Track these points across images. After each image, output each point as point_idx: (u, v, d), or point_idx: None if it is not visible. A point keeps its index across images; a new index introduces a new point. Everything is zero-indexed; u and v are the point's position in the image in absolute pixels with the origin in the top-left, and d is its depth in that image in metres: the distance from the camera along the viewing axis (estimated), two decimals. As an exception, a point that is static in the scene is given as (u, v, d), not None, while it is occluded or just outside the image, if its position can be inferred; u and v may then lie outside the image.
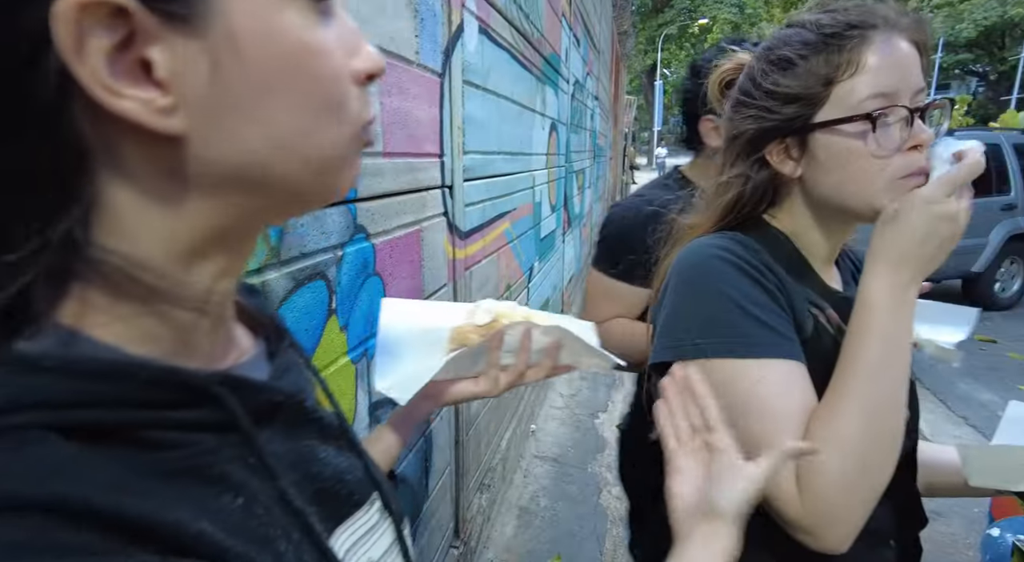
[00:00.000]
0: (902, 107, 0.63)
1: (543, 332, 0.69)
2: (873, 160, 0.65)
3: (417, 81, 1.36)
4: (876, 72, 0.64)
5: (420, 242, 1.42)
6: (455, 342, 0.69)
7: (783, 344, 0.64)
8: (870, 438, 0.59)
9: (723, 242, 0.71)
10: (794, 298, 0.69)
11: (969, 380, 4.40)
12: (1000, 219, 5.96)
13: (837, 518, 0.58)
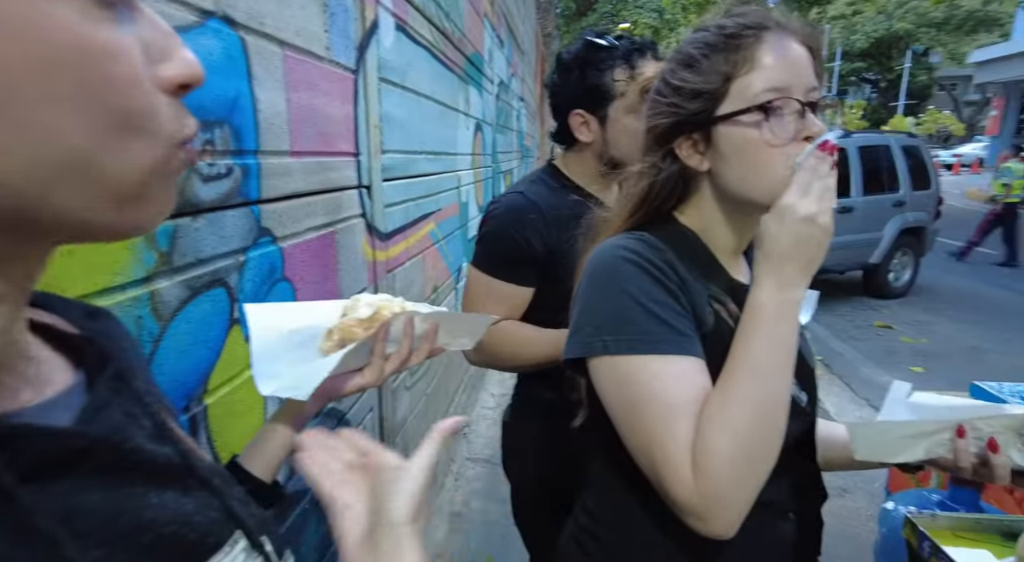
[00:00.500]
0: (794, 100, 0.68)
1: (423, 319, 0.73)
2: (769, 150, 0.69)
3: (328, 77, 1.31)
4: (770, 69, 0.69)
5: (335, 244, 1.37)
6: (341, 338, 0.70)
7: (682, 341, 0.67)
8: (757, 428, 0.62)
9: (629, 243, 0.73)
10: (695, 296, 0.72)
11: (870, 364, 4.73)
12: (892, 215, 6.46)
13: (727, 500, 0.61)
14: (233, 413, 0.96)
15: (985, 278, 7.67)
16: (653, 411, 0.65)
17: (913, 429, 0.74)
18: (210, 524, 0.38)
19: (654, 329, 0.67)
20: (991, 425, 0.71)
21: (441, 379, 2.56)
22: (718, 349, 0.69)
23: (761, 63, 0.69)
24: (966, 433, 0.72)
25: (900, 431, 0.74)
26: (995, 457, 0.71)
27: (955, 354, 4.98)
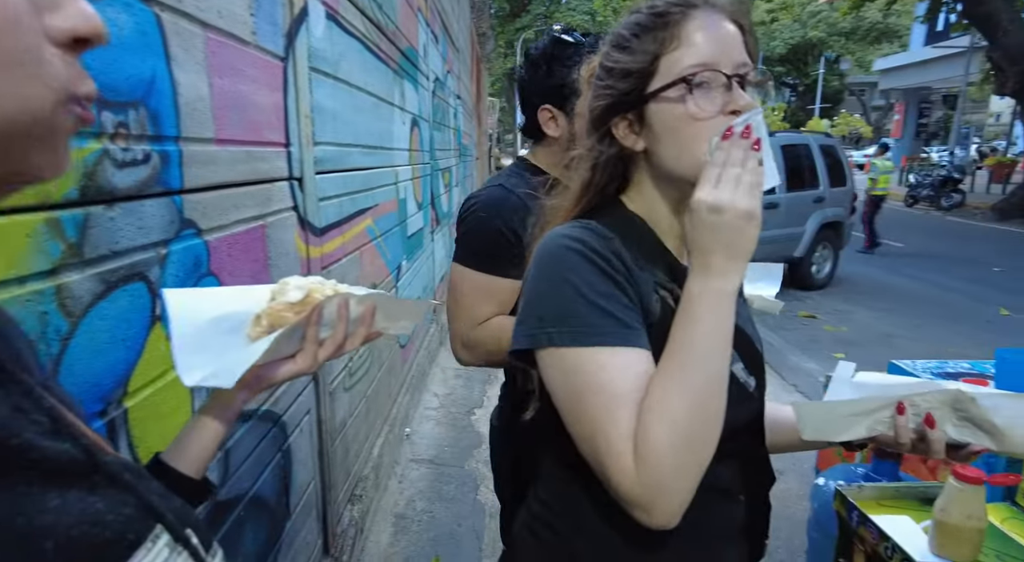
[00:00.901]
0: (719, 72, 0.69)
1: (358, 301, 0.70)
2: (697, 124, 0.69)
3: (255, 63, 1.25)
4: (697, 44, 0.70)
5: (266, 238, 1.31)
6: (271, 323, 0.66)
7: (627, 333, 0.67)
8: (695, 416, 0.62)
9: (575, 232, 0.72)
10: (641, 284, 0.71)
11: (797, 352, 4.97)
12: (813, 210, 6.84)
13: (669, 488, 0.61)
14: (157, 415, 0.90)
15: (896, 270, 8.23)
16: (597, 401, 0.65)
17: (856, 407, 0.75)
18: (125, 521, 0.35)
19: (598, 321, 0.67)
20: (928, 401, 0.73)
21: (382, 380, 2.51)
22: (666, 336, 0.69)
23: (688, 40, 0.70)
24: (905, 410, 0.73)
25: (844, 410, 0.75)
26: (931, 432, 0.72)
27: (871, 340, 5.32)
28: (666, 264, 0.77)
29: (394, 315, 0.76)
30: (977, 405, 0.70)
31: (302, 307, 0.67)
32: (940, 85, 22.48)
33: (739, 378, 0.74)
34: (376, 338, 0.75)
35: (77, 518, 0.33)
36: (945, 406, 0.72)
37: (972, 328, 5.52)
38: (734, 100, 0.69)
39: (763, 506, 0.83)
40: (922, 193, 14.99)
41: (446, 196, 4.93)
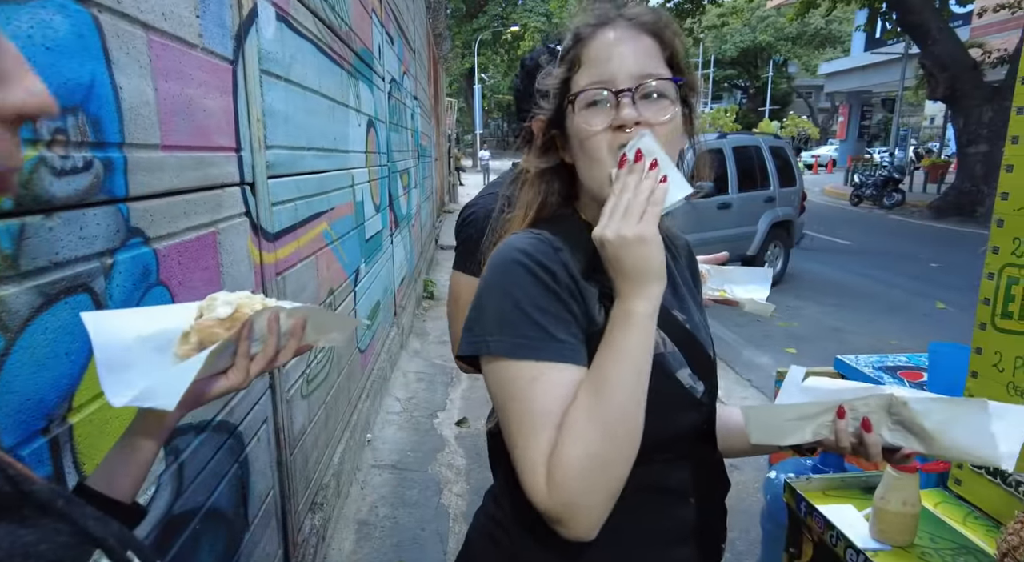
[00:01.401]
0: (602, 89, 0.71)
1: (288, 315, 0.71)
2: (592, 139, 0.72)
3: (202, 67, 1.22)
4: (592, 64, 0.72)
5: (217, 245, 1.27)
6: (200, 340, 0.66)
7: (561, 348, 0.68)
8: (606, 439, 0.64)
9: (525, 243, 0.73)
10: (587, 296, 0.73)
11: (751, 348, 5.13)
12: (765, 210, 7.06)
13: (580, 506, 0.63)
14: (106, 432, 0.87)
15: (843, 266, 8.57)
16: (521, 416, 0.67)
17: (801, 411, 0.76)
18: (60, 550, 0.35)
19: (534, 335, 0.68)
20: (867, 405, 0.74)
21: (341, 386, 2.47)
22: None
23: (587, 59, 0.73)
24: (845, 414, 0.74)
25: (789, 414, 0.76)
26: (868, 436, 0.74)
27: (821, 335, 5.52)
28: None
29: (325, 327, 0.77)
30: (909, 409, 0.71)
31: (232, 322, 0.67)
32: (880, 89, 23.51)
33: (684, 383, 0.76)
34: (307, 350, 0.76)
35: (7, 553, 0.32)
36: (881, 410, 0.74)
37: (911, 321, 5.80)
38: (618, 116, 0.70)
39: (717, 510, 0.84)
40: (866, 192, 15.63)
41: (405, 198, 4.89)
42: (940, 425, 0.70)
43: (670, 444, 0.76)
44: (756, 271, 1.44)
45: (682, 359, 0.78)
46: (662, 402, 0.73)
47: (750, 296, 1.39)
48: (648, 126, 0.70)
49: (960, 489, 1.20)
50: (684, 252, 0.95)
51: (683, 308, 0.84)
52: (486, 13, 27.26)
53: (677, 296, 0.85)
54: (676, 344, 0.78)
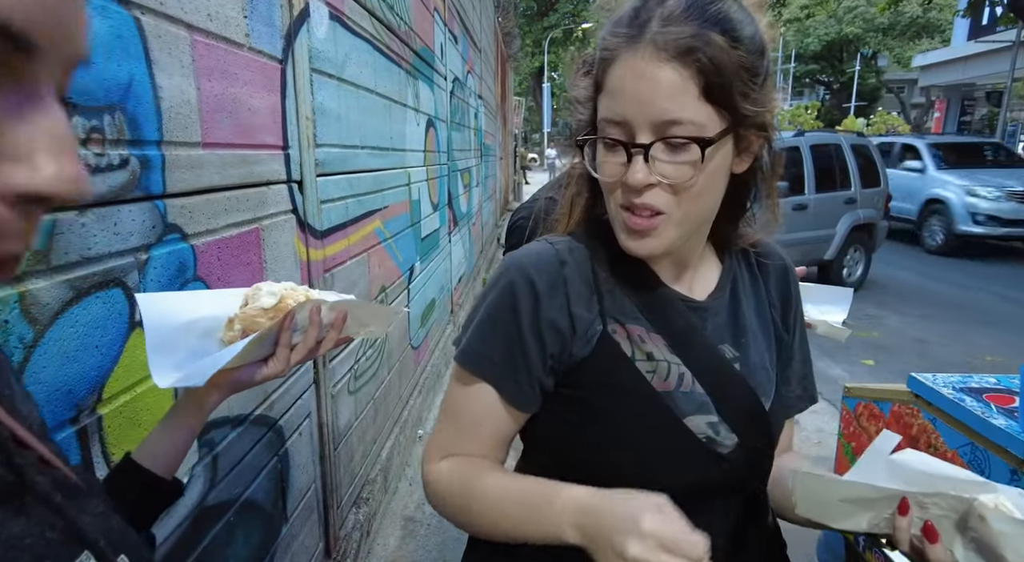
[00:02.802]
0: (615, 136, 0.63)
1: (330, 308, 0.73)
2: (604, 183, 0.67)
3: (249, 66, 1.24)
4: (612, 95, 0.63)
5: (261, 242, 1.30)
6: (244, 328, 0.69)
7: (495, 373, 0.71)
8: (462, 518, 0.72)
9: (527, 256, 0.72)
10: (578, 318, 0.68)
11: (824, 358, 4.83)
12: (844, 212, 6.64)
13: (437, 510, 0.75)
14: (136, 423, 0.89)
15: (930, 274, 7.95)
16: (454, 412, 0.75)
17: (858, 493, 0.62)
18: (46, 546, 0.34)
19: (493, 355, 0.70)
20: (940, 506, 0.58)
21: (392, 382, 2.50)
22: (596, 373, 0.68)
23: (608, 86, 0.63)
24: (908, 510, 0.60)
25: (845, 493, 0.63)
26: (931, 548, 0.58)
27: (903, 347, 5.13)
28: (643, 292, 0.72)
29: (364, 320, 0.79)
30: (988, 526, 0.53)
31: (275, 312, 0.69)
32: (984, 81, 21.66)
33: (696, 432, 0.67)
34: (346, 342, 0.79)
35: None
36: (956, 516, 0.57)
37: (1012, 335, 5.29)
38: (629, 174, 0.62)
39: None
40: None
41: (465, 196, 4.91)
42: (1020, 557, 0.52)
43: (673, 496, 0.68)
44: (836, 291, 1.33)
45: (706, 404, 0.68)
46: (659, 448, 0.66)
47: (825, 318, 1.29)
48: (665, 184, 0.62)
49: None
50: (777, 273, 0.82)
51: (738, 343, 0.74)
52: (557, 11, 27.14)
53: (736, 326, 0.75)
54: (708, 385, 0.69)
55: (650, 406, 0.67)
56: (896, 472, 0.64)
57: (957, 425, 1.27)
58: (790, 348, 0.81)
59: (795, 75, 37.44)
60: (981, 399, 1.30)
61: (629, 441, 0.68)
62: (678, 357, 0.69)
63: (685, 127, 0.60)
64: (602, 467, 0.69)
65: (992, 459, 1.17)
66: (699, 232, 0.73)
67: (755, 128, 0.66)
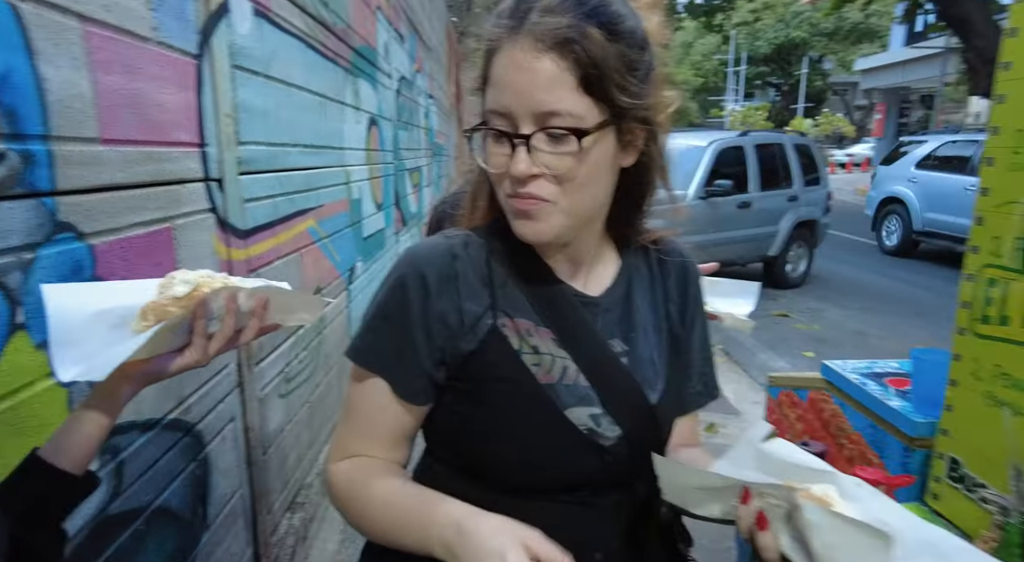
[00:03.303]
0: (499, 126, 0.64)
1: (248, 295, 0.71)
2: (492, 175, 0.69)
3: (156, 61, 1.20)
4: (495, 87, 0.64)
5: (173, 241, 1.26)
6: (153, 318, 0.67)
7: (388, 368, 0.72)
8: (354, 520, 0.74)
9: (422, 249, 0.74)
10: (466, 312, 0.70)
11: (767, 350, 4.99)
12: (787, 209, 6.87)
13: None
14: (20, 432, 0.86)
15: (870, 268, 8.29)
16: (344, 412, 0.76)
17: (708, 481, 0.62)
18: None
19: (385, 350, 0.71)
20: (775, 496, 0.58)
21: (330, 385, 2.46)
22: (483, 366, 0.69)
23: (492, 77, 0.64)
24: (750, 499, 0.61)
25: (700, 481, 0.64)
26: (759, 535, 0.58)
27: (843, 339, 5.35)
28: (535, 286, 0.73)
29: (291, 308, 0.78)
30: (803, 517, 0.54)
31: (188, 301, 0.67)
32: (919, 85, 22.75)
33: (577, 424, 0.69)
34: (273, 330, 0.78)
35: None
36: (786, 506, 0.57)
37: (939, 326, 5.57)
38: (512, 164, 0.63)
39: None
40: (901, 192, 15.12)
41: (414, 196, 4.88)
42: (828, 549, 0.52)
43: (559, 487, 0.69)
44: (744, 284, 1.37)
45: (589, 396, 0.70)
46: (541, 439, 0.68)
47: (731, 311, 1.32)
48: (549, 175, 0.63)
49: (937, 504, 1.11)
50: (677, 270, 0.84)
51: (629, 337, 0.75)
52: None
53: (628, 321, 0.76)
54: (591, 377, 0.70)
55: (533, 398, 0.68)
56: (763, 461, 0.66)
57: (860, 408, 1.34)
58: (687, 344, 0.83)
59: (747, 77, 38.55)
60: (882, 383, 1.37)
61: (513, 432, 0.69)
62: (565, 351, 0.71)
63: (563, 118, 0.61)
64: (491, 459, 0.70)
65: (888, 439, 1.23)
66: (590, 227, 0.74)
67: (637, 122, 0.67)
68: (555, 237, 0.69)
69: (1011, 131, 0.95)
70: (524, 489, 0.69)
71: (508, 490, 0.69)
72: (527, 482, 0.69)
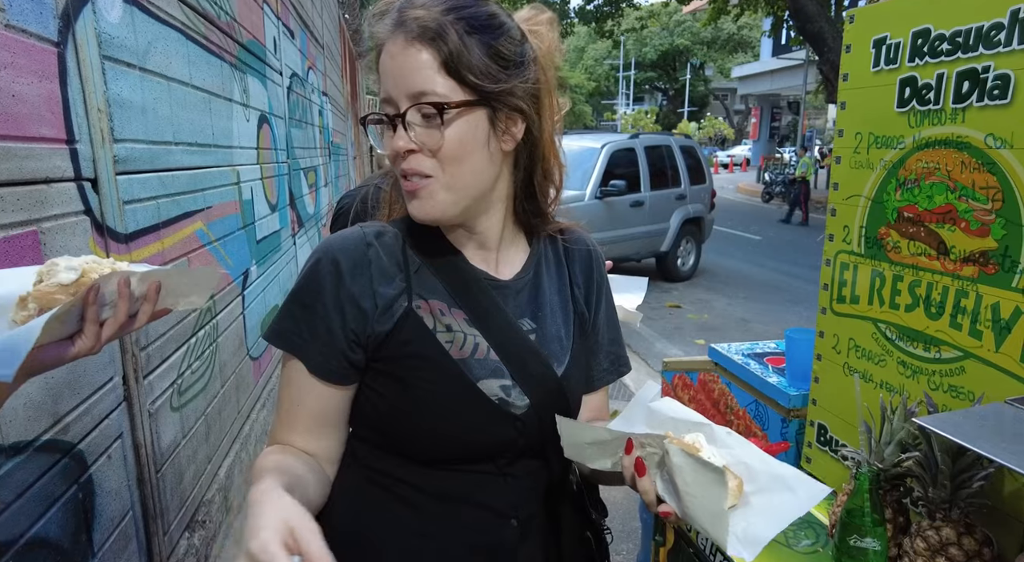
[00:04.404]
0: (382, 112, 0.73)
1: (140, 279, 0.70)
2: (390, 161, 0.75)
3: (7, 46, 1.09)
4: (381, 78, 0.72)
5: (41, 246, 1.15)
6: (40, 307, 0.63)
7: (305, 352, 0.74)
8: None
9: (336, 238, 0.77)
10: (380, 295, 0.73)
11: (663, 340, 5.29)
12: (676, 207, 7.31)
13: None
14: None
15: (752, 260, 9.01)
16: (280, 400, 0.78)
17: (599, 437, 0.67)
18: None
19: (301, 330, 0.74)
20: (653, 445, 0.64)
21: (227, 397, 2.33)
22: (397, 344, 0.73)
23: (379, 71, 0.72)
24: (632, 449, 0.67)
25: (592, 436, 0.69)
26: (638, 480, 0.65)
27: (730, 326, 5.77)
28: (448, 271, 0.77)
29: (182, 290, 0.76)
30: (670, 460, 0.60)
31: (76, 288, 0.65)
32: (787, 92, 24.95)
33: (490, 394, 0.73)
34: (164, 315, 0.76)
35: None
36: (661, 452, 0.63)
37: (812, 311, 6.16)
38: (393, 141, 0.71)
39: (550, 536, 0.80)
40: (776, 189, 16.52)
41: (312, 196, 4.71)
42: (686, 487, 0.59)
43: (474, 456, 0.74)
44: (633, 280, 1.46)
45: (499, 369, 0.74)
46: (456, 410, 0.72)
47: (621, 303, 1.40)
48: (425, 151, 0.70)
49: (810, 468, 1.25)
50: (582, 257, 0.90)
51: (537, 316, 0.81)
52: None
53: (536, 302, 0.82)
54: (501, 353, 0.75)
55: (446, 371, 0.72)
56: (651, 417, 0.74)
57: (744, 386, 1.47)
58: (594, 325, 0.89)
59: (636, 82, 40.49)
60: (762, 362, 1.51)
61: (431, 406, 0.72)
62: (476, 329, 0.75)
63: (430, 97, 0.69)
64: (409, 432, 0.73)
65: (769, 412, 1.36)
66: (490, 213, 0.79)
67: (510, 109, 0.73)
68: (442, 213, 0.74)
69: (852, 133, 1.09)
70: (441, 460, 0.73)
71: (426, 461, 0.73)
72: (444, 453, 0.73)
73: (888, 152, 1.02)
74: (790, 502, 0.63)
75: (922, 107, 0.95)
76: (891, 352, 1.04)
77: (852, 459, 1.01)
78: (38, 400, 1.13)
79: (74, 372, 1.26)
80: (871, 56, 1.04)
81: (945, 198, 0.92)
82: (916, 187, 0.97)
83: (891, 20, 1.00)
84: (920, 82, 0.95)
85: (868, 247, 1.07)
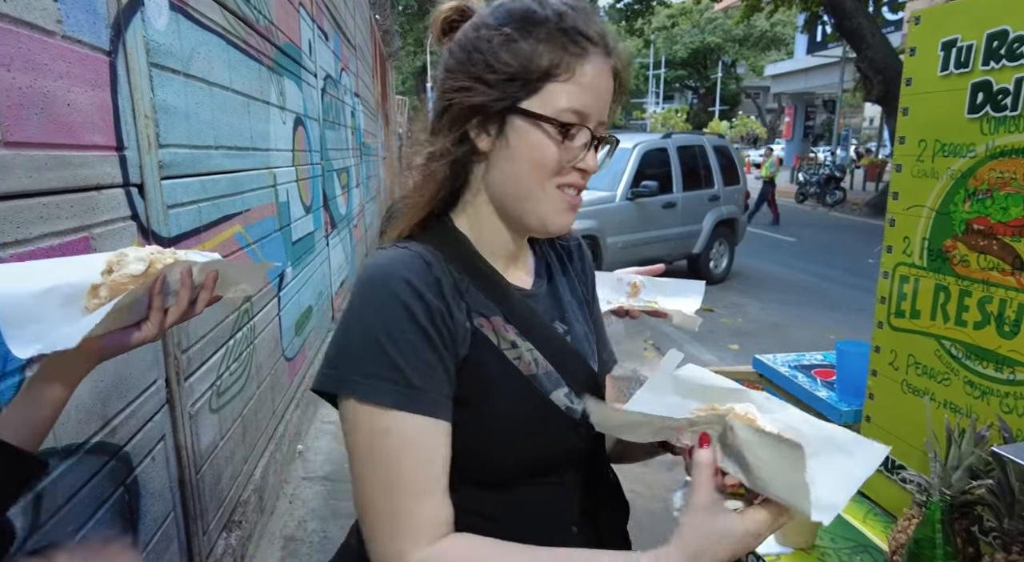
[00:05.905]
0: (588, 130, 0.68)
1: (200, 269, 0.73)
2: (548, 162, 0.67)
3: (64, 57, 1.11)
4: (582, 88, 0.67)
5: (92, 252, 1.17)
6: (106, 294, 0.67)
7: (419, 398, 0.62)
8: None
9: (399, 264, 0.66)
10: (456, 318, 0.67)
11: (695, 344, 5.20)
12: (709, 209, 7.18)
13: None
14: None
15: (786, 263, 8.81)
16: (374, 474, 0.62)
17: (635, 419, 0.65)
18: None
19: (389, 376, 0.62)
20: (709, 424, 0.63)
21: (263, 397, 2.36)
22: (475, 368, 0.67)
23: (579, 78, 0.67)
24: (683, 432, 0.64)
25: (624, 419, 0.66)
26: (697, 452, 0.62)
27: (763, 331, 5.65)
28: (491, 286, 0.74)
29: (234, 280, 0.81)
30: (735, 435, 0.61)
31: (146, 278, 0.68)
32: (821, 90, 24.36)
33: (560, 406, 0.72)
34: (216, 301, 0.79)
35: None
36: (720, 429, 0.63)
37: (848, 316, 5.99)
38: (586, 160, 0.69)
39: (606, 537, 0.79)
40: (810, 190, 16.16)
41: (344, 198, 4.76)
42: (759, 460, 0.59)
43: (544, 469, 0.72)
44: (690, 284, 1.43)
45: (558, 378, 0.73)
46: (534, 427, 0.69)
47: (679, 308, 1.37)
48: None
49: (864, 487, 1.20)
50: (576, 251, 0.91)
51: (564, 318, 0.80)
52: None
53: (559, 305, 0.81)
54: (552, 361, 0.73)
55: (523, 390, 0.70)
56: (680, 386, 0.72)
57: (791, 399, 1.41)
58: (596, 316, 0.90)
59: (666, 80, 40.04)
60: (809, 374, 1.46)
61: (515, 428, 0.69)
62: (529, 342, 0.73)
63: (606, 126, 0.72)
64: (484, 457, 0.69)
65: (818, 427, 1.31)
66: None
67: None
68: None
69: (914, 141, 1.04)
70: (509, 480, 0.70)
71: (497, 484, 0.70)
72: (523, 471, 0.70)
73: (956, 161, 0.97)
74: (851, 465, 0.64)
75: (997, 113, 0.90)
76: (957, 371, 0.99)
77: (915, 483, 0.96)
78: (88, 403, 1.15)
79: (120, 374, 1.28)
80: (939, 59, 0.98)
81: (1022, 210, 0.87)
82: (988, 198, 0.92)
83: (962, 21, 0.94)
84: (995, 87, 0.90)
85: (932, 260, 1.02)
